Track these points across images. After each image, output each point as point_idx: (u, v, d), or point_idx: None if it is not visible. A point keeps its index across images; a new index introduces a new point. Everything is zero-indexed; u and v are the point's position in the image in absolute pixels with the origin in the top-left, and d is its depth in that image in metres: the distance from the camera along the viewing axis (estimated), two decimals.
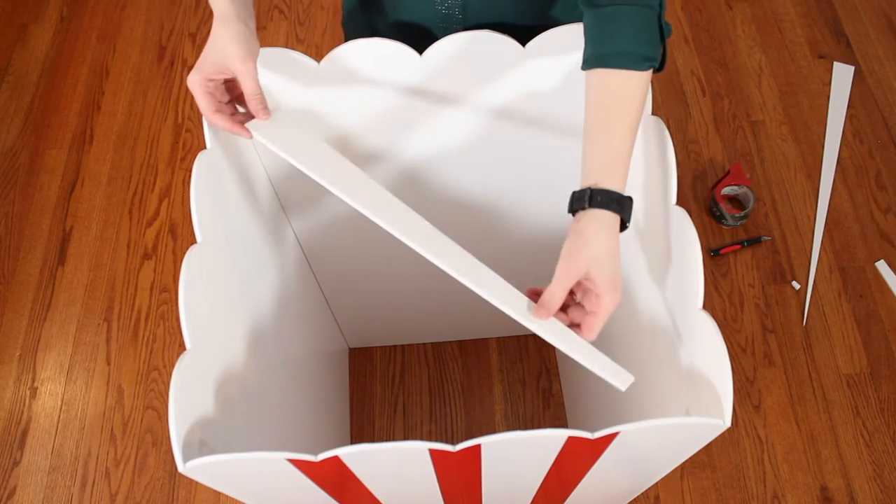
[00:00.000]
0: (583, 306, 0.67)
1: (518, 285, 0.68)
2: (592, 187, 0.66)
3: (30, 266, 1.64)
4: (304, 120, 0.87)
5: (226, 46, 0.69)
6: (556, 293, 0.65)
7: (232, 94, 0.75)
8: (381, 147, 0.94)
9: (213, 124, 0.73)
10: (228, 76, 0.71)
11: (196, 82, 0.70)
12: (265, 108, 0.73)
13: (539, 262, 1.15)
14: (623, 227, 0.68)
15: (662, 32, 0.71)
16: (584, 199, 0.66)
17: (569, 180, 0.69)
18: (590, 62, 0.71)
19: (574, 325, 0.67)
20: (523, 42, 0.80)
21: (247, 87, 0.71)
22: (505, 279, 0.69)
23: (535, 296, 0.68)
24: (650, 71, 0.70)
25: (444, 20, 0.88)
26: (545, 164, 0.99)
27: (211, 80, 0.71)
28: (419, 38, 0.90)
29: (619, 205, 0.66)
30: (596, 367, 0.65)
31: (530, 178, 1.03)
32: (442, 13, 0.88)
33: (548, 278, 0.66)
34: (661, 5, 0.71)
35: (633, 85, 0.69)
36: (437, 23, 0.89)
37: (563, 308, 0.68)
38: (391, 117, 0.89)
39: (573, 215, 0.68)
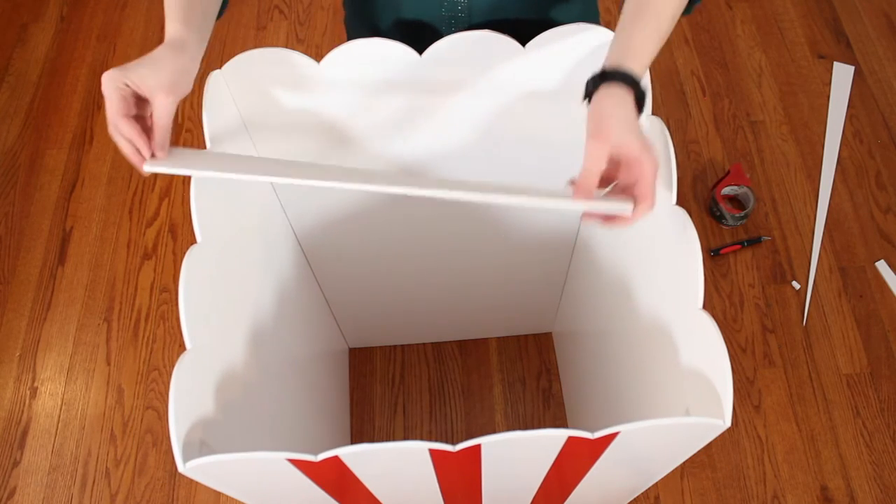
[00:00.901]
0: (623, 191, 0.66)
1: (518, 285, 0.68)
2: (606, 68, 0.66)
3: (30, 266, 1.64)
4: (293, 127, 0.87)
5: (162, 73, 0.65)
6: (592, 170, 0.63)
7: (139, 109, 0.68)
8: (381, 147, 0.94)
9: (119, 128, 0.66)
10: (145, 96, 0.66)
11: (116, 79, 0.65)
12: (166, 146, 0.67)
13: (540, 262, 1.16)
14: (639, 109, 0.66)
15: None
16: (596, 78, 0.66)
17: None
18: None
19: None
20: (527, 41, 0.80)
21: (161, 119, 0.66)
22: (505, 279, 0.68)
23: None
24: None
25: (448, 17, 0.88)
26: (546, 164, 0.99)
27: (128, 87, 0.65)
28: (422, 37, 0.89)
29: (633, 83, 0.65)
30: (602, 207, 0.64)
31: (531, 179, 1.03)
32: (447, 10, 0.88)
33: (549, 277, 0.66)
34: None
35: None
36: (440, 20, 0.89)
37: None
38: (391, 117, 0.89)
39: (588, 103, 0.67)
